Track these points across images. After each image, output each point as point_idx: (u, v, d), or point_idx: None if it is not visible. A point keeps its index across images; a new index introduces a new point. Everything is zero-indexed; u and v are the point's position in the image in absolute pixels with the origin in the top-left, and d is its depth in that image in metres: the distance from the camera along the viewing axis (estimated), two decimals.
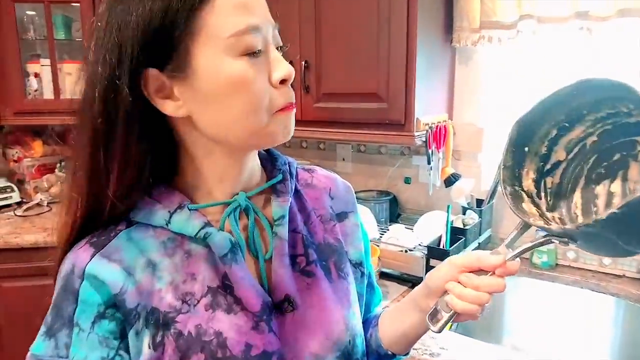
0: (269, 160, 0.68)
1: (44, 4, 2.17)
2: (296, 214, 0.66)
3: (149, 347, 0.55)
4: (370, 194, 1.86)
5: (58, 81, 2.21)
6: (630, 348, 1.38)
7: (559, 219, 0.61)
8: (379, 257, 1.44)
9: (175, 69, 0.53)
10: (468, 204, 1.62)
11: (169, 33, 0.51)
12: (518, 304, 1.54)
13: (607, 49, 1.44)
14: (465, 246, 1.47)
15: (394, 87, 1.44)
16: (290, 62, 0.59)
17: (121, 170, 0.55)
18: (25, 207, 2.24)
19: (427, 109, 1.50)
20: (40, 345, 0.57)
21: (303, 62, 1.57)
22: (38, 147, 2.37)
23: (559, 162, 0.62)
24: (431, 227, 1.56)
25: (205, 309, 0.56)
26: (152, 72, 0.53)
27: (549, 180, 0.62)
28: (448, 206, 1.42)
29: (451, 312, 0.59)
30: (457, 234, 1.45)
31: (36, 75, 2.26)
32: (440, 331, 0.61)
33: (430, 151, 1.54)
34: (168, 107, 0.55)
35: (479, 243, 1.56)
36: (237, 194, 0.61)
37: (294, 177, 0.69)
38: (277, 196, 0.64)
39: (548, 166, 0.62)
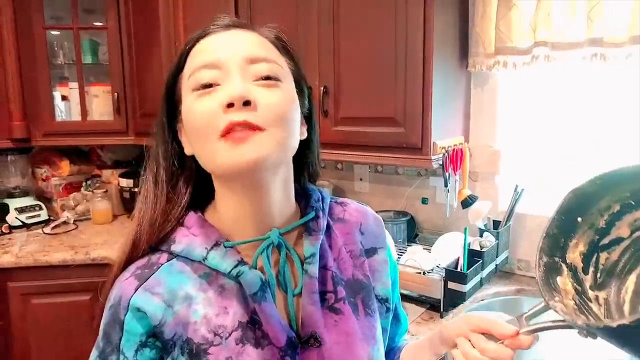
0: (303, 196, 0.71)
1: (73, 30, 2.26)
2: (327, 251, 0.68)
3: None
4: (388, 215, 1.88)
5: (85, 103, 2.31)
6: None
7: (604, 299, 0.58)
8: None
9: (180, 116, 0.63)
10: (485, 225, 1.64)
11: (174, 87, 0.64)
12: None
13: (621, 75, 1.46)
14: (482, 268, 1.49)
15: (410, 112, 1.47)
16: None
17: (167, 201, 0.64)
18: (52, 224, 2.32)
19: (443, 133, 1.53)
20: None
21: (322, 88, 1.62)
22: (65, 166, 2.45)
23: (620, 239, 0.59)
24: (449, 248, 1.58)
25: (235, 343, 0.60)
26: (179, 123, 0.65)
27: (603, 255, 0.59)
28: (465, 229, 1.44)
29: None
30: (475, 256, 1.47)
31: (64, 98, 2.36)
32: None
33: (447, 174, 1.56)
34: (185, 148, 0.65)
35: (495, 265, 1.58)
36: (271, 229, 0.64)
37: (326, 214, 0.70)
38: (309, 234, 0.67)
39: (605, 241, 0.59)
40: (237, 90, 0.55)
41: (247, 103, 0.56)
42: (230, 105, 0.55)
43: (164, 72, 2.56)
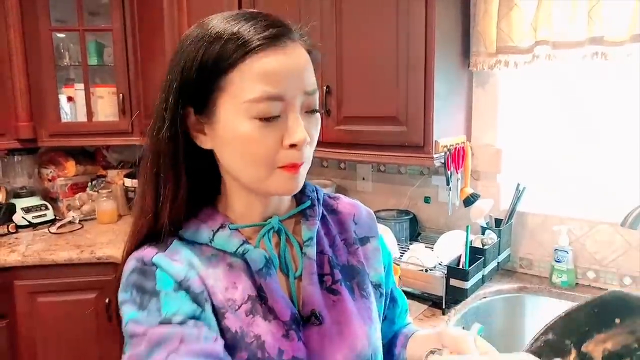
0: None
1: (79, 32, 2.29)
2: (322, 237, 0.73)
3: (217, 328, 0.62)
4: (391, 213, 1.90)
5: (91, 104, 2.33)
6: None
7: None
8: (399, 277, 1.48)
9: (206, 115, 0.63)
10: (487, 223, 1.65)
11: (203, 83, 0.61)
12: (538, 323, 1.55)
13: (621, 74, 1.47)
14: (484, 265, 1.50)
15: (413, 111, 1.48)
16: None
17: (174, 191, 0.64)
18: (58, 224, 2.34)
19: (445, 131, 1.54)
20: (134, 313, 0.60)
21: (325, 87, 1.63)
22: (71, 167, 2.48)
23: None
24: (451, 246, 1.59)
25: (245, 314, 0.63)
26: (190, 109, 0.64)
27: None
28: (467, 227, 1.45)
29: None
30: (477, 254, 1.48)
31: (70, 99, 2.38)
32: None
33: (449, 172, 1.57)
34: (200, 139, 0.65)
35: (497, 263, 1.59)
36: (271, 217, 0.69)
37: (321, 203, 0.76)
38: (306, 219, 0.72)
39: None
40: (303, 134, 0.61)
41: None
42: (293, 145, 0.61)
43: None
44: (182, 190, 0.64)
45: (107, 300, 1.99)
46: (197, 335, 0.57)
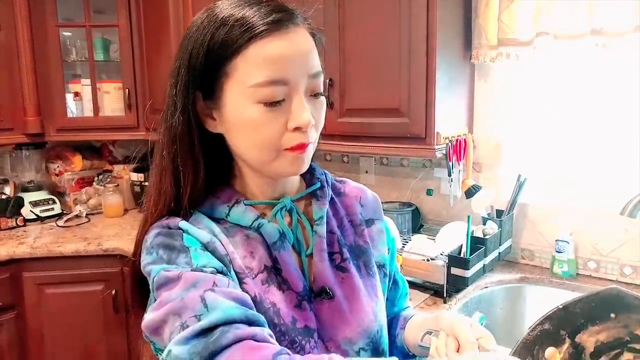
0: (307, 171, 0.75)
1: (86, 28, 2.32)
2: (331, 218, 0.76)
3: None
4: (393, 205, 1.91)
5: (97, 100, 2.36)
6: None
7: None
8: (401, 266, 1.49)
9: (213, 100, 0.65)
10: (488, 214, 1.66)
11: (210, 69, 0.63)
12: (539, 313, 1.56)
13: (622, 66, 1.48)
14: (485, 255, 1.51)
15: (415, 103, 1.50)
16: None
17: (194, 174, 0.66)
18: (65, 218, 2.37)
19: (447, 123, 1.56)
20: (161, 266, 0.61)
21: (327, 80, 1.65)
22: (78, 161, 2.51)
23: None
24: (452, 237, 1.61)
25: (262, 283, 0.67)
26: (199, 94, 0.65)
27: (628, 355, 0.63)
28: (468, 217, 1.47)
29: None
30: (478, 244, 1.50)
31: (77, 94, 2.42)
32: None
33: (450, 164, 1.59)
34: (209, 124, 0.67)
35: (499, 253, 1.60)
36: (284, 196, 0.72)
37: (330, 185, 0.78)
38: (317, 200, 0.75)
39: (637, 346, 0.63)
40: (307, 117, 0.62)
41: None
42: (297, 128, 0.62)
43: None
44: (201, 172, 0.67)
45: (113, 292, 2.03)
46: (227, 283, 0.59)
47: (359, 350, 0.70)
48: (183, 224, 0.65)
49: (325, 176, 0.79)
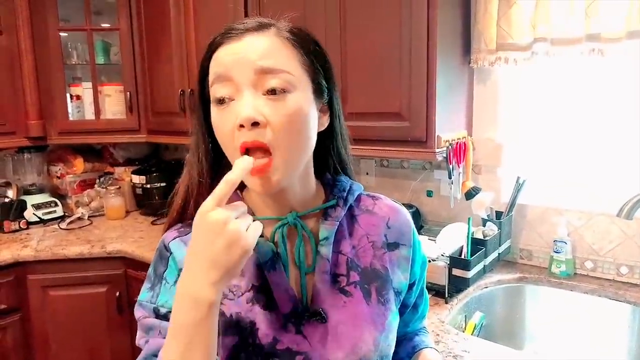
0: (330, 186, 0.76)
1: (87, 32, 2.34)
2: (345, 238, 0.73)
3: None
4: None
5: (98, 103, 2.38)
6: None
7: None
8: None
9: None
10: (488, 216, 1.69)
11: (203, 77, 0.68)
12: (538, 312, 1.60)
13: (618, 70, 1.51)
14: (485, 256, 1.54)
15: (415, 107, 1.53)
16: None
17: (211, 178, 0.69)
18: (68, 220, 2.39)
19: (447, 127, 1.59)
20: (144, 294, 0.71)
21: None
22: (79, 164, 2.53)
23: None
24: (453, 238, 1.63)
25: (246, 302, 0.68)
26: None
27: None
28: (469, 218, 1.50)
29: None
30: (478, 245, 1.53)
31: (78, 97, 2.43)
32: None
33: (450, 166, 1.62)
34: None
35: (498, 254, 1.64)
36: (291, 212, 0.70)
37: (347, 204, 0.74)
38: (325, 219, 0.72)
39: None
40: (245, 112, 0.59)
41: (255, 124, 0.60)
42: (241, 126, 0.60)
43: (175, 72, 2.60)
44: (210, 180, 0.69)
45: (117, 294, 2.05)
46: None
47: None
48: (173, 244, 0.70)
49: (348, 193, 0.74)
